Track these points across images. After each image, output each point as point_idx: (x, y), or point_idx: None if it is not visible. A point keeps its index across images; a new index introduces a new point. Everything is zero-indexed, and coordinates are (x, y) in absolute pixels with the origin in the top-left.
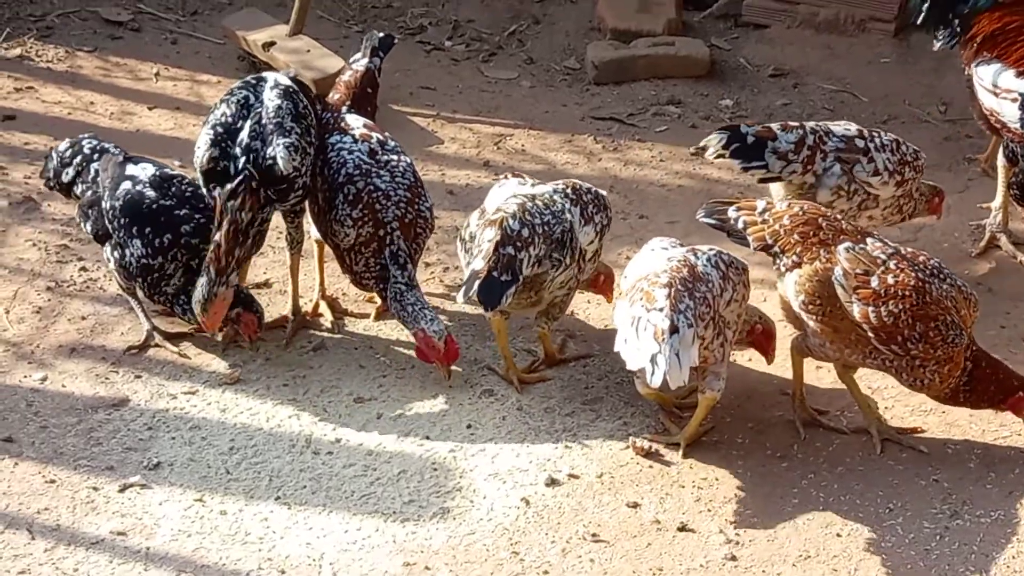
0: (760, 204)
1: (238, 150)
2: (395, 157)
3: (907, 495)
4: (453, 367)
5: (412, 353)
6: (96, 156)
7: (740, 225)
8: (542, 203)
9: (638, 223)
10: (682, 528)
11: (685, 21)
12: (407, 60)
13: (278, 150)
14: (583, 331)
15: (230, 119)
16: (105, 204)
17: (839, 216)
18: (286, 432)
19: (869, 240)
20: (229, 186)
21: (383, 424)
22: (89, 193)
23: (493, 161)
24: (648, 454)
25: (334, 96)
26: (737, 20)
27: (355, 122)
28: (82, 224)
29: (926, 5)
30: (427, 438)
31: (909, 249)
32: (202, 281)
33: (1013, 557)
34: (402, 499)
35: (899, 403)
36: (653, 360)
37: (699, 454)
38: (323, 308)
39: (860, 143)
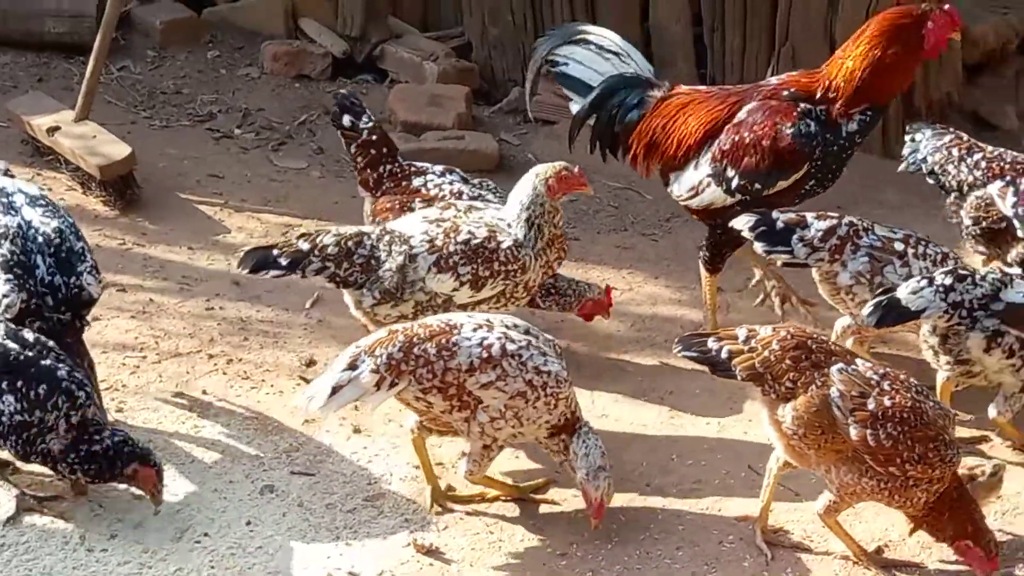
0: (741, 332)
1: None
2: None
3: None
4: None
5: (190, 448)
6: None
7: (724, 355)
8: (391, 239)
9: None
10: None
11: (475, 115)
12: (196, 147)
13: (84, 278)
14: (368, 427)
15: (21, 256)
16: None
17: (824, 337)
18: (59, 528)
19: (859, 361)
20: None
21: (160, 521)
22: None
23: None
24: (429, 552)
25: None
26: (526, 116)
27: None
28: None
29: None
30: (205, 535)
31: (892, 369)
32: None
33: None
34: None
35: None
36: (313, 385)
37: (480, 552)
38: None
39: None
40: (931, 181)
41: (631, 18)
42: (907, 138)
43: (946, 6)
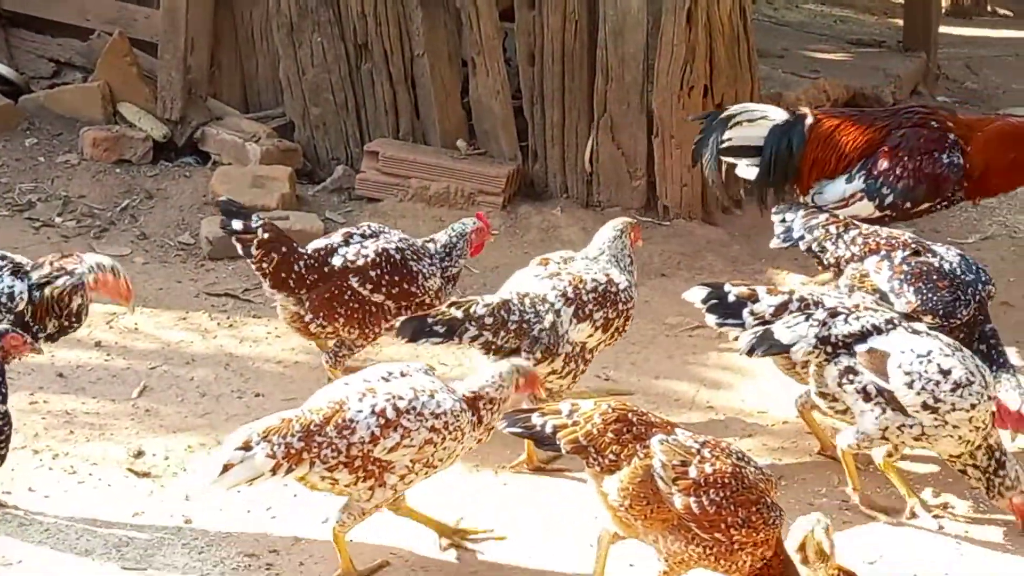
0: (564, 406)
1: None
2: None
3: None
4: None
5: (16, 546)
6: None
7: (549, 430)
8: (532, 301)
9: (254, 401)
10: None
11: (299, 195)
12: (15, 238)
13: None
14: (199, 518)
15: None
16: None
17: (646, 410)
18: None
19: (679, 431)
20: None
21: None
22: None
23: (105, 341)
24: None
25: None
26: (351, 194)
27: None
28: None
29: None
30: None
31: (712, 438)
32: None
33: None
34: None
35: None
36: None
37: None
38: None
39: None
40: (810, 256)
41: (451, 93)
42: (776, 218)
43: None
